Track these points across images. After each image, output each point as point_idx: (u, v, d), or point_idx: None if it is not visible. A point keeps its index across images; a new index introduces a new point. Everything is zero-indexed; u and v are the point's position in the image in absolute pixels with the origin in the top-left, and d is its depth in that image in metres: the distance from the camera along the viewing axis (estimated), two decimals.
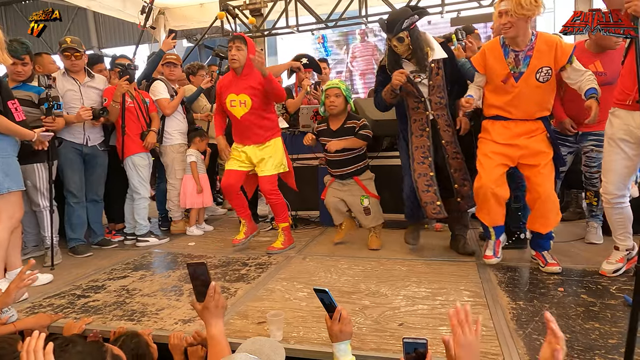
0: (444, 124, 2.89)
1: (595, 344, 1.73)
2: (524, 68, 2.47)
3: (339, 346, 1.55)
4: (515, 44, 2.49)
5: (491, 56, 2.57)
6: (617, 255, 2.43)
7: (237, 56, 3.07)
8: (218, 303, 1.53)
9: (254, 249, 3.43)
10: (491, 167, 2.57)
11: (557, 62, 2.44)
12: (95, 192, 3.65)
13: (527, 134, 2.55)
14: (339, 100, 3.23)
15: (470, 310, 1.25)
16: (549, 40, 2.46)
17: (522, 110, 2.53)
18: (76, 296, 2.57)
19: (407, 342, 1.41)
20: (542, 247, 2.64)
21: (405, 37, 2.77)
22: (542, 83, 2.47)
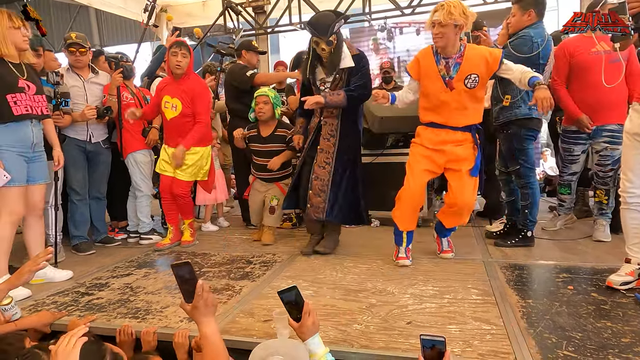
0: (327, 132, 2.98)
1: (609, 343, 1.70)
2: (453, 74, 2.59)
3: (314, 340, 1.49)
4: (445, 52, 2.60)
5: (425, 63, 2.68)
6: (627, 268, 2.23)
7: (182, 63, 3.25)
8: (207, 301, 1.48)
9: (258, 247, 3.40)
10: (419, 172, 2.71)
11: (490, 68, 2.55)
12: (98, 189, 3.62)
13: (455, 142, 2.66)
14: (267, 107, 3.39)
15: None
16: (477, 50, 2.61)
17: (451, 115, 2.63)
18: (80, 294, 2.55)
19: (424, 339, 1.39)
20: (443, 234, 2.88)
21: (334, 40, 2.84)
22: (469, 89, 2.58)
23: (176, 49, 3.25)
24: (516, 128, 2.95)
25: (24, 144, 2.61)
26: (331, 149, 2.97)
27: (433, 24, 2.52)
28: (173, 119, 3.32)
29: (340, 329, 1.91)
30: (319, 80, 3.00)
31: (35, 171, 2.69)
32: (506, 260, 2.76)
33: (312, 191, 2.98)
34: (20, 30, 2.58)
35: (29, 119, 2.61)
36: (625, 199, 2.25)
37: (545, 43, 2.82)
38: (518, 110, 2.91)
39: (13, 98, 2.54)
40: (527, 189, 2.99)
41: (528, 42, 2.80)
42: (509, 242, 3.05)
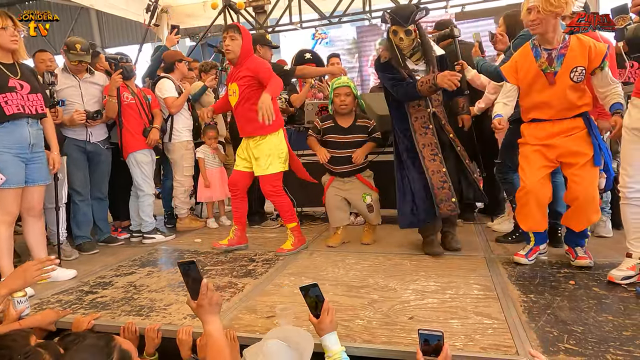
0: (444, 118, 2.92)
1: (610, 336, 1.71)
2: (558, 67, 2.37)
3: (330, 337, 1.56)
4: (546, 42, 2.39)
5: (523, 62, 2.48)
6: (628, 263, 2.23)
7: (231, 46, 2.98)
8: (211, 300, 1.52)
9: (261, 245, 3.42)
10: (532, 171, 2.49)
11: (591, 62, 2.33)
12: (99, 189, 3.64)
13: (566, 131, 2.43)
14: (349, 99, 3.22)
15: None
16: (583, 40, 2.36)
17: (557, 110, 2.43)
18: (84, 292, 2.57)
19: (422, 334, 1.41)
20: (576, 244, 2.54)
21: (413, 30, 2.76)
22: (576, 83, 2.36)
23: (225, 34, 3.05)
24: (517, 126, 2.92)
25: (21, 145, 2.61)
26: (433, 140, 2.83)
27: (529, 10, 2.32)
28: (236, 105, 3.10)
29: (343, 325, 1.92)
30: (412, 71, 2.83)
31: (34, 172, 2.70)
32: (508, 256, 2.76)
33: (435, 186, 2.76)
34: (7, 30, 2.56)
35: (22, 118, 2.60)
36: (625, 194, 2.26)
37: None
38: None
39: (4, 98, 2.53)
40: (506, 184, 2.97)
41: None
42: (510, 237, 3.04)
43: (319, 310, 1.61)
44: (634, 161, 2.22)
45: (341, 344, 1.61)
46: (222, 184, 4.21)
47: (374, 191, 3.28)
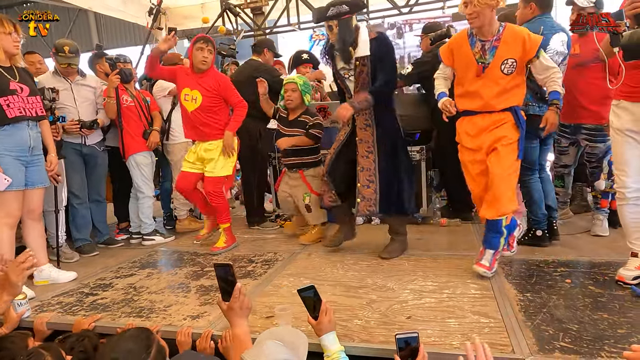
0: (363, 122, 2.88)
1: (605, 334, 1.73)
2: (490, 59, 2.44)
3: (329, 337, 1.60)
4: (482, 34, 2.46)
5: (457, 47, 2.56)
6: (635, 262, 2.22)
7: (209, 59, 3.20)
8: (242, 304, 1.58)
9: (260, 246, 3.44)
10: (472, 179, 2.61)
11: (525, 54, 2.41)
12: (97, 192, 3.66)
13: (493, 124, 2.49)
14: (294, 95, 3.35)
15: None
16: (517, 32, 2.44)
17: (485, 101, 2.48)
18: (84, 294, 2.59)
19: (399, 338, 1.43)
20: (489, 243, 2.46)
21: (334, 26, 2.80)
22: (505, 75, 2.44)
23: (203, 44, 3.17)
24: None
25: (21, 147, 2.64)
26: (370, 138, 2.87)
27: (465, 4, 2.39)
28: (194, 111, 3.24)
29: (342, 324, 1.94)
30: (340, 70, 2.91)
31: (34, 175, 2.71)
32: (505, 256, 2.78)
33: (360, 183, 2.86)
34: (11, 36, 2.61)
35: (24, 121, 2.63)
36: (624, 194, 2.24)
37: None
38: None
39: (5, 101, 2.56)
40: (523, 187, 2.96)
41: None
42: (523, 238, 2.99)
43: (317, 311, 1.64)
44: (629, 161, 2.23)
45: (340, 344, 1.64)
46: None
47: (314, 194, 3.34)
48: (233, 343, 1.55)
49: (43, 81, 3.25)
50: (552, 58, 2.78)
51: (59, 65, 3.37)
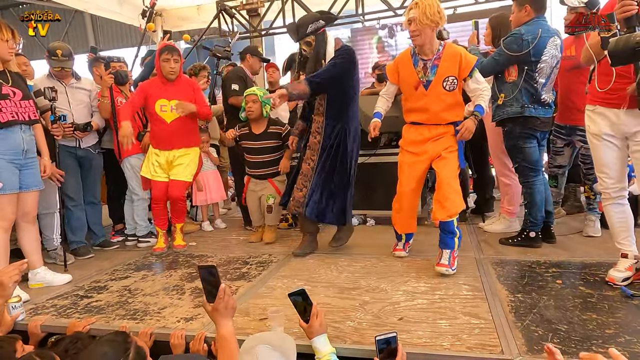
0: (315, 128, 3.06)
1: (593, 334, 1.75)
2: (431, 76, 2.63)
3: (320, 339, 1.62)
4: (423, 53, 2.64)
5: (403, 65, 2.73)
6: (625, 263, 2.26)
7: (176, 68, 3.33)
8: (227, 304, 1.57)
9: (255, 247, 3.45)
10: (407, 179, 2.76)
11: (461, 73, 2.60)
12: (92, 194, 3.67)
13: (437, 137, 2.70)
14: (255, 105, 3.42)
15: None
16: (454, 51, 2.61)
17: (432, 115, 2.68)
18: (79, 297, 2.59)
19: (379, 340, 1.46)
20: (444, 244, 2.59)
21: (312, 41, 2.93)
22: (448, 92, 2.62)
23: (168, 55, 3.28)
24: (511, 126, 2.95)
25: (15, 151, 2.64)
26: (316, 146, 3.03)
27: (409, 22, 2.55)
28: (174, 121, 3.36)
29: (334, 326, 1.96)
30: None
31: (28, 178, 2.72)
32: (498, 257, 2.81)
33: (295, 186, 3.06)
34: (7, 43, 2.62)
35: (16, 125, 2.64)
36: (610, 194, 2.29)
37: (538, 40, 2.76)
38: (510, 109, 2.91)
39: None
40: (526, 187, 2.98)
41: (517, 40, 2.77)
42: (510, 240, 3.05)
43: (308, 314, 1.65)
44: (609, 162, 2.26)
45: (332, 345, 1.65)
46: (217, 186, 4.25)
47: (279, 195, 3.45)
48: (218, 344, 1.56)
49: (38, 84, 3.26)
50: (548, 62, 2.83)
51: (53, 69, 3.38)
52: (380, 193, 3.59)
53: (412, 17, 2.52)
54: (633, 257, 2.28)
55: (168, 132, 3.39)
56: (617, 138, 2.23)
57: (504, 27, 3.06)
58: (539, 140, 3.00)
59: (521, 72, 2.84)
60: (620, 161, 2.28)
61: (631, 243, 2.30)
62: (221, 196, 4.40)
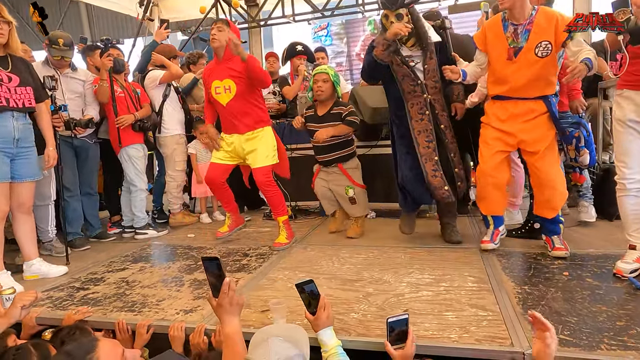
0: (440, 108, 2.88)
1: (604, 326, 1.71)
2: (523, 42, 2.44)
3: (326, 332, 1.56)
4: (513, 17, 2.45)
5: (491, 32, 2.55)
6: (633, 255, 2.21)
7: (218, 36, 2.95)
8: (232, 300, 1.48)
9: (255, 239, 3.40)
10: (490, 155, 2.59)
11: (558, 37, 2.38)
12: (89, 185, 3.60)
13: (526, 114, 2.50)
14: (326, 85, 3.19)
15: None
16: (549, 14, 2.42)
17: (520, 86, 2.48)
18: (75, 289, 2.54)
19: (390, 322, 1.44)
20: (552, 232, 2.59)
21: (404, 14, 2.75)
22: (540, 58, 2.42)
23: (213, 25, 3.02)
24: None
25: (5, 139, 2.56)
26: (448, 123, 2.88)
27: None
28: (230, 102, 3.02)
29: (338, 318, 1.91)
30: (406, 57, 2.81)
31: (22, 168, 2.64)
32: (502, 248, 2.76)
33: (457, 168, 2.85)
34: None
35: (6, 111, 2.55)
36: (625, 185, 2.23)
37: None
38: None
39: None
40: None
41: None
42: (515, 232, 3.00)
43: (315, 306, 1.60)
44: (630, 151, 2.21)
45: (337, 338, 1.60)
46: None
47: (357, 186, 3.27)
48: (224, 343, 1.47)
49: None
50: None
51: (52, 58, 3.30)
52: (381, 185, 3.54)
53: None
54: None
55: (228, 116, 3.09)
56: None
57: None
58: None
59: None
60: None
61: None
62: None
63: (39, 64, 3.37)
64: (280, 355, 1.19)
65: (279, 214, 3.17)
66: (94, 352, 1.18)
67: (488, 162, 2.59)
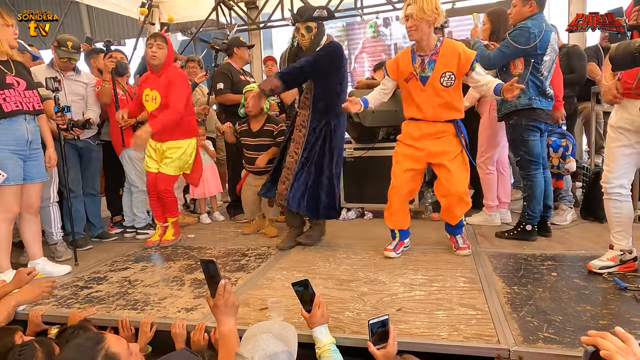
0: (300, 122, 3.05)
1: (587, 324, 1.79)
2: (429, 72, 2.64)
3: (321, 329, 1.64)
4: (421, 49, 2.65)
5: (402, 62, 2.73)
6: (609, 254, 2.34)
7: (158, 54, 3.19)
8: (227, 301, 1.54)
9: (253, 239, 3.47)
10: (400, 172, 2.76)
11: (460, 68, 2.59)
12: (91, 186, 3.67)
13: (435, 134, 2.71)
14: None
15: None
16: (453, 47, 2.61)
17: (430, 111, 2.69)
18: (79, 287, 2.61)
19: (372, 323, 1.50)
20: (455, 232, 2.81)
21: (313, 27, 2.92)
22: (446, 87, 2.63)
23: (151, 40, 3.21)
24: (517, 119, 2.96)
25: (19, 141, 2.64)
26: (301, 140, 3.02)
27: (407, 17, 2.56)
28: (153, 111, 3.28)
29: (333, 316, 1.98)
30: None
31: (32, 169, 2.72)
32: (494, 250, 2.84)
33: (280, 179, 3.07)
34: (12, 28, 2.62)
35: (20, 114, 2.63)
36: (607, 189, 2.33)
37: (543, 34, 2.80)
38: (518, 101, 2.90)
39: (2, 95, 2.56)
40: (527, 180, 3.01)
41: (525, 34, 2.80)
42: (507, 233, 3.08)
43: (310, 305, 1.67)
44: (616, 158, 2.29)
45: (331, 335, 1.68)
46: (214, 179, 4.26)
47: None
48: (220, 341, 1.54)
49: (37, 74, 3.24)
50: (550, 55, 2.88)
51: (59, 60, 3.37)
52: (378, 187, 3.59)
53: (410, 13, 2.53)
54: (619, 250, 2.33)
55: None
56: (632, 132, 2.21)
57: (503, 21, 3.09)
58: (542, 132, 3.04)
59: (527, 64, 2.87)
60: (630, 159, 2.27)
61: (623, 238, 2.33)
62: (218, 189, 4.40)
63: (43, 67, 3.44)
64: (266, 350, 1.27)
65: (170, 216, 3.48)
66: (104, 342, 1.27)
67: (398, 178, 2.76)
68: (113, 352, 1.28)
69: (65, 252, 3.26)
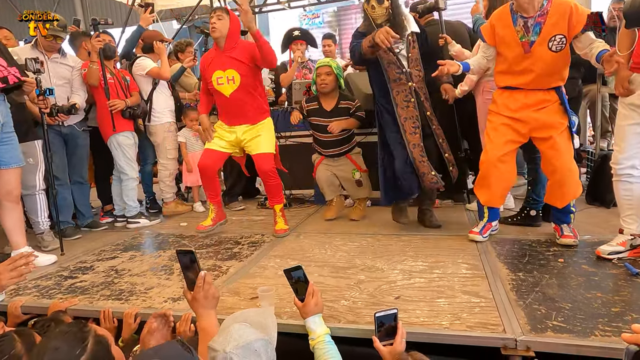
0: (424, 96, 2.87)
1: (598, 312, 1.68)
2: (534, 36, 2.29)
3: (315, 319, 1.54)
4: (522, 9, 2.30)
5: (500, 25, 2.41)
6: (619, 239, 2.21)
7: (217, 25, 2.82)
8: (207, 294, 1.45)
9: (247, 227, 3.36)
10: (499, 142, 2.45)
11: (571, 29, 2.23)
12: (78, 173, 3.54)
13: (537, 104, 2.39)
14: (329, 78, 3.19)
15: None
16: (563, 5, 2.25)
17: (533, 81, 2.37)
18: (63, 277, 2.50)
19: (378, 317, 1.39)
20: (561, 221, 2.50)
21: (385, 0, 2.72)
22: (555, 53, 2.29)
23: (212, 13, 2.90)
24: None
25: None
26: (432, 110, 2.87)
27: None
28: (233, 93, 2.90)
29: (328, 305, 1.87)
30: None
31: (6, 154, 2.57)
32: (498, 235, 2.73)
33: (447, 154, 2.87)
34: None
35: None
36: (617, 170, 2.22)
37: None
38: None
39: None
40: (532, 163, 2.87)
41: None
42: (510, 219, 2.96)
43: (303, 293, 1.56)
44: (627, 137, 2.17)
45: (326, 326, 1.57)
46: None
47: (361, 170, 3.35)
48: (199, 336, 1.43)
49: (20, 53, 3.09)
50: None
51: (43, 39, 3.19)
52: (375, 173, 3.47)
53: None
54: (629, 234, 2.21)
55: (231, 107, 2.98)
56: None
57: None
58: None
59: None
60: (638, 137, 2.15)
61: (634, 221, 2.22)
62: None
63: (26, 47, 3.28)
64: (239, 341, 1.16)
65: (276, 202, 3.12)
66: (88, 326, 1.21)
67: (496, 149, 2.45)
68: (100, 334, 1.22)
69: (52, 242, 3.13)
